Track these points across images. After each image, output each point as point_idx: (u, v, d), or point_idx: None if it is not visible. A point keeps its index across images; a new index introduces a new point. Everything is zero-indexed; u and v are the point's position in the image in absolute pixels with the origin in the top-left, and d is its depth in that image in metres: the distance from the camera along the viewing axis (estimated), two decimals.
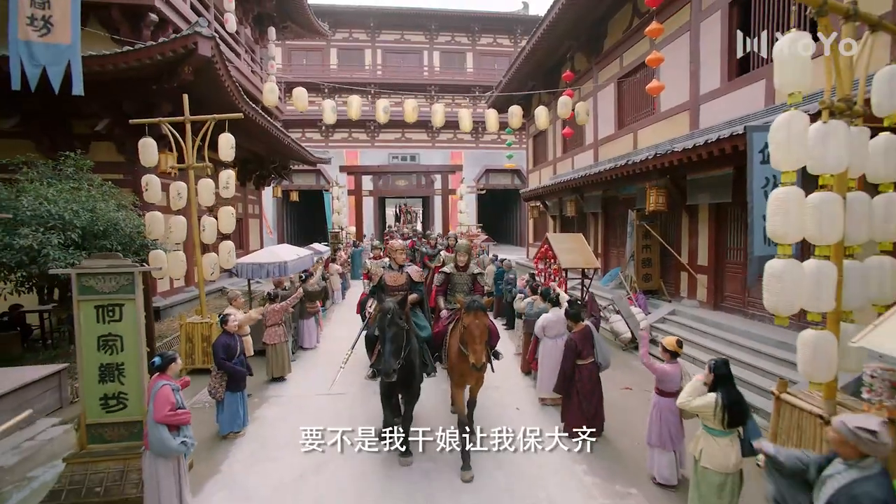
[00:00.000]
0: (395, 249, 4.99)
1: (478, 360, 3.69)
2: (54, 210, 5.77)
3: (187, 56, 7.49)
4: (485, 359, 3.79)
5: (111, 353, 3.67)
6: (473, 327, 3.75)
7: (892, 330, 2.40)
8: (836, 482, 2.02)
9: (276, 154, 14.58)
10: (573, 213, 12.02)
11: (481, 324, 3.77)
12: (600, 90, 11.41)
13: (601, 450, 4.37)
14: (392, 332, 3.71)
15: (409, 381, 4.07)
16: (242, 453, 4.37)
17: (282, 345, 6.17)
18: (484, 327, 3.78)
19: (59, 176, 6.69)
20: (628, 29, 10.01)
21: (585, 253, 7.81)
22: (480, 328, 3.75)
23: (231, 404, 4.67)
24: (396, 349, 3.73)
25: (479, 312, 3.81)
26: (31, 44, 3.56)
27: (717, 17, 7.54)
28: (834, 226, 3.24)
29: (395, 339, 3.73)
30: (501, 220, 30.67)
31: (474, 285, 5.11)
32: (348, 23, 26.78)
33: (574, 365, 4.60)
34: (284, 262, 6.98)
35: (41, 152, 8.46)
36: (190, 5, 10.22)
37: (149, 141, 6.43)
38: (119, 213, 6.60)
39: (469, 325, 3.78)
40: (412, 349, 4.05)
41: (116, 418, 3.71)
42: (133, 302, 3.69)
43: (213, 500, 3.70)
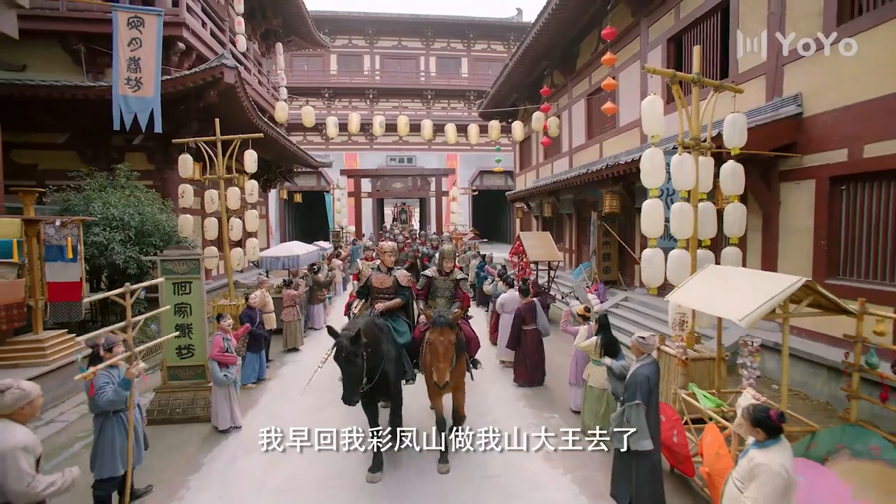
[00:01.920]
0: (385, 251, 4.96)
1: (440, 380, 3.66)
2: (116, 213, 7.38)
3: (214, 83, 9.09)
4: (448, 377, 3.74)
5: (183, 316, 5.28)
6: (437, 344, 3.70)
7: (683, 292, 3.99)
8: (631, 371, 3.62)
9: (283, 159, 16.16)
10: (550, 213, 13.63)
11: (446, 341, 3.71)
12: (574, 104, 13.01)
13: (540, 393, 5.98)
14: (349, 370, 3.62)
15: (385, 390, 4.16)
16: (271, 397, 5.96)
17: (295, 322, 7.80)
18: (448, 345, 3.73)
19: (113, 184, 8.28)
20: (595, 52, 11.60)
21: (550, 248, 9.43)
22: (445, 346, 3.70)
23: (251, 362, 6.25)
24: (355, 382, 3.66)
25: (445, 329, 3.75)
26: (127, 97, 5.16)
27: (658, 50, 9.14)
28: (687, 225, 4.85)
29: (351, 376, 3.63)
30: (495, 220, 32.26)
31: (456, 291, 4.99)
32: (348, 29, 28.34)
33: (521, 329, 6.21)
34: (297, 255, 8.62)
35: (84, 162, 10.11)
36: (210, 32, 11.82)
37: (186, 157, 8.01)
38: (162, 215, 8.21)
39: (433, 342, 3.74)
40: (387, 359, 4.06)
41: (187, 363, 5.32)
42: (198, 280, 5.31)
43: (255, 421, 5.28)
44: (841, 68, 5.45)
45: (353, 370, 3.63)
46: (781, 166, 6.31)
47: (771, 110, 6.28)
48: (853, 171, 5.39)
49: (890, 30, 4.93)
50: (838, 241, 5.67)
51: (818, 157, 5.79)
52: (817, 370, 5.51)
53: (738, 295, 3.37)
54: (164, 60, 10.69)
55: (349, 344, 3.60)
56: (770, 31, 6.44)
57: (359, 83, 28.26)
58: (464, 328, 4.58)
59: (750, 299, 3.14)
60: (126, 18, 5.51)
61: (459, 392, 4.35)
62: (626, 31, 10.08)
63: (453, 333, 3.80)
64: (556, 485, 4.02)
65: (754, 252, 6.85)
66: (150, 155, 10.91)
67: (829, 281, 5.69)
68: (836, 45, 4.95)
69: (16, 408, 2.42)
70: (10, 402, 2.41)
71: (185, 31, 10.60)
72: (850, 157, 5.39)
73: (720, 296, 3.56)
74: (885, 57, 4.98)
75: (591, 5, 10.44)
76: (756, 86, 6.77)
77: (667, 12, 8.82)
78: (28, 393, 2.48)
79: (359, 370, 3.66)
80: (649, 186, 4.87)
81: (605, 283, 10.25)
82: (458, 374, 4.20)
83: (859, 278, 5.45)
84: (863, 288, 5.25)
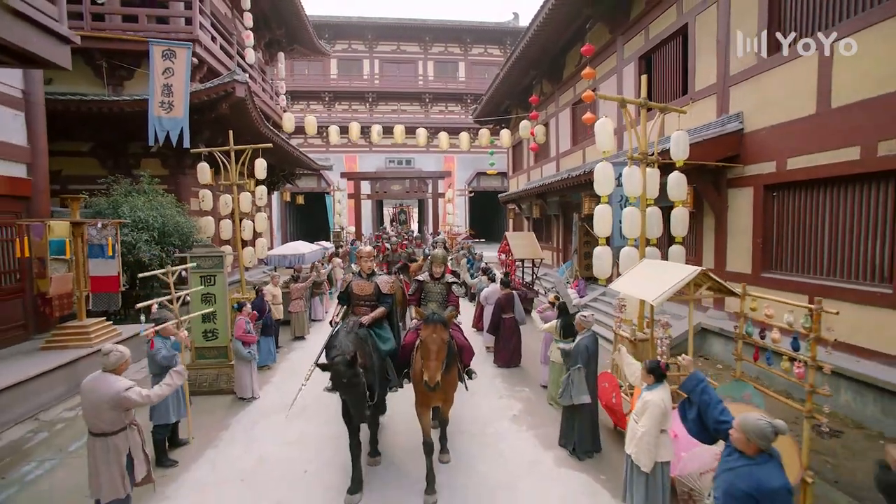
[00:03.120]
0: (363, 256, 4.82)
1: (431, 379, 3.55)
2: (142, 216, 8.37)
3: (226, 97, 10.07)
4: (439, 377, 3.59)
5: (209, 304, 6.27)
6: (430, 342, 3.62)
7: (622, 281, 4.97)
8: (575, 343, 4.60)
9: (286, 163, 17.16)
10: (539, 215, 14.62)
11: (439, 339, 3.64)
12: (560, 112, 14.00)
13: (515, 372, 6.97)
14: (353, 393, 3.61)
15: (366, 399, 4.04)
16: (282, 377, 6.95)
17: (301, 313, 8.80)
18: (441, 343, 3.65)
19: (136, 190, 9.27)
20: (578, 64, 12.58)
21: (533, 247, 10.42)
22: (437, 343, 3.63)
23: (264, 344, 7.23)
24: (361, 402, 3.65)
25: (439, 326, 3.68)
26: (161, 118, 6.15)
27: (632, 66, 10.12)
28: (636, 226, 5.82)
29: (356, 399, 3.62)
30: (491, 220, 33.20)
31: (448, 295, 4.98)
32: (348, 34, 29.37)
33: (500, 317, 7.19)
34: (302, 254, 9.61)
35: (105, 168, 11.13)
36: (220, 46, 12.82)
37: (204, 165, 9.00)
38: (181, 217, 9.21)
39: (426, 339, 3.65)
40: (370, 370, 3.97)
41: (212, 344, 6.31)
42: (222, 274, 6.30)
43: (271, 394, 6.27)
44: (769, 93, 6.44)
45: (357, 392, 3.59)
46: (729, 174, 7.30)
47: (719, 125, 7.27)
48: (780, 181, 6.37)
49: (801, 64, 5.90)
50: (771, 240, 6.65)
51: (755, 168, 6.78)
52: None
53: (657, 282, 4.34)
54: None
55: (346, 369, 3.53)
56: (718, 57, 7.45)
57: (358, 87, 29.27)
58: (456, 336, 4.48)
59: (663, 285, 4.13)
60: (161, 51, 6.54)
61: (448, 404, 4.25)
62: (604, 47, 11.07)
63: (446, 332, 3.76)
64: (518, 438, 5.00)
65: (709, 249, 7.84)
66: (164, 161, 11.90)
67: (765, 274, 6.68)
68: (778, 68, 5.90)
69: (118, 365, 3.40)
70: (114, 361, 3.40)
71: (198, 46, 11.57)
72: (777, 169, 6.37)
73: (645, 283, 4.54)
74: (798, 86, 5.96)
75: (574, 22, 11.44)
76: (709, 103, 7.76)
77: (638, 32, 9.80)
78: (124, 354, 3.47)
79: (362, 391, 3.62)
80: (600, 194, 5.85)
81: (587, 279, 11.22)
82: (449, 383, 4.05)
83: (786, 271, 6.43)
84: (789, 280, 6.23)
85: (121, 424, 3.36)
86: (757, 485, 2.21)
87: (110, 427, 3.33)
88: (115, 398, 3.26)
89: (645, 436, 3.32)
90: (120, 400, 3.26)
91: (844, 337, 5.37)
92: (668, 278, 4.24)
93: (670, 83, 9.00)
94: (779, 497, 2.15)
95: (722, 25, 7.33)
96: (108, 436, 3.32)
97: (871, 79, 5.07)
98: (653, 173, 5.99)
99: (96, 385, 3.31)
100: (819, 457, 4.39)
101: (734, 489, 2.29)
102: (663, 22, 8.96)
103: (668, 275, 4.41)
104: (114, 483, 3.30)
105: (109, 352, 3.41)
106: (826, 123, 5.63)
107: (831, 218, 5.79)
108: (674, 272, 4.32)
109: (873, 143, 5.07)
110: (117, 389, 3.28)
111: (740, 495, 2.26)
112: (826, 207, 5.85)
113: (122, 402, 3.27)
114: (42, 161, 7.07)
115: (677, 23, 8.50)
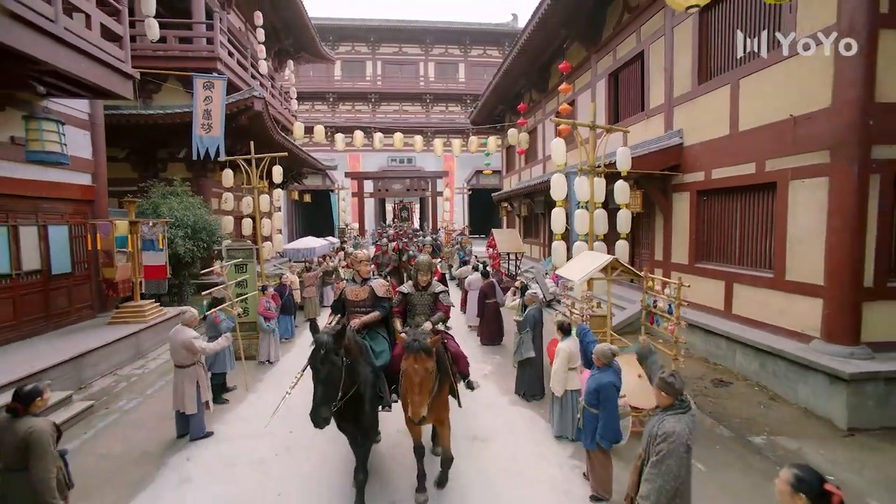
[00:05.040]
0: (359, 261, 4.61)
1: (414, 415, 3.30)
2: (179, 215, 10.02)
3: (246, 110, 11.70)
4: (425, 412, 3.32)
5: (242, 288, 7.91)
6: (412, 373, 3.33)
7: (565, 267, 6.54)
8: (525, 314, 6.19)
9: (295, 165, 18.81)
10: (527, 213, 16.18)
11: (422, 369, 3.33)
12: (547, 118, 15.52)
13: (496, 349, 8.56)
14: (326, 373, 3.25)
15: (357, 418, 3.71)
16: (298, 349, 8.59)
17: (314, 298, 10.44)
18: (425, 374, 3.34)
19: (171, 192, 10.93)
20: (562, 76, 14.09)
21: (516, 242, 12.01)
22: (421, 375, 3.32)
23: (283, 322, 8.87)
24: (331, 390, 3.27)
25: (420, 355, 3.35)
26: (202, 137, 7.77)
27: (603, 81, 11.64)
28: (585, 224, 7.38)
29: (328, 382, 3.26)
30: (490, 217, 34.73)
31: (436, 305, 4.62)
32: (351, 37, 30.92)
33: (484, 302, 8.79)
34: (313, 248, 11.25)
35: (136, 171, 12.83)
36: (237, 61, 14.44)
37: (228, 171, 10.62)
38: (210, 216, 10.87)
39: (407, 370, 3.38)
40: (362, 380, 3.67)
41: (244, 320, 7.95)
42: (252, 262, 7.95)
43: (289, 360, 7.90)
44: (697, 115, 7.98)
45: (332, 373, 3.25)
46: (673, 181, 8.83)
47: (666, 139, 8.80)
48: (707, 188, 7.90)
49: (720, 94, 7.42)
50: (702, 235, 8.19)
51: (690, 176, 8.31)
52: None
53: (585, 267, 5.91)
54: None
55: (331, 341, 3.29)
56: (665, 81, 8.97)
57: (362, 88, 30.84)
58: (449, 345, 4.32)
59: (586, 269, 5.70)
60: (202, 83, 8.17)
61: (443, 426, 3.97)
62: (581, 63, 12.58)
63: (431, 360, 3.41)
64: (485, 388, 6.59)
65: (659, 244, 9.38)
66: (188, 166, 13.55)
67: (697, 264, 8.23)
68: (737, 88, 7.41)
69: (190, 321, 5.07)
70: (188, 318, 5.07)
71: (219, 63, 13.21)
72: (705, 178, 7.90)
73: (578, 268, 6.11)
74: (717, 112, 7.48)
75: (555, 41, 12.96)
76: (659, 119, 9.28)
77: (608, 53, 11.31)
78: (195, 314, 5.13)
79: (337, 374, 3.29)
80: (556, 199, 7.42)
81: None
82: (440, 404, 3.84)
83: (711, 261, 7.97)
84: (713, 268, 7.77)
85: (192, 360, 5.03)
86: (598, 382, 3.80)
87: (186, 361, 5.02)
88: (186, 342, 4.95)
89: (557, 372, 4.92)
90: (188, 344, 4.95)
91: (743, 312, 6.95)
92: (590, 264, 5.81)
93: (632, 99, 10.52)
94: (606, 388, 3.73)
95: (668, 55, 8.84)
96: (185, 367, 5.01)
97: (761, 111, 6.59)
98: (599, 182, 7.55)
99: (177, 333, 5.00)
100: (707, 399, 5.97)
101: (589, 387, 3.88)
102: (627, 46, 10.47)
103: (595, 262, 5.98)
104: (190, 399, 4.98)
105: (186, 311, 5.13)
106: (735, 143, 7.16)
107: (739, 219, 7.33)
108: (595, 260, 5.89)
109: (763, 160, 6.60)
110: (188, 336, 4.97)
111: (591, 390, 3.85)
112: (735, 210, 7.39)
113: (189, 345, 4.95)
114: (102, 170, 8.71)
115: (637, 48, 10.02)
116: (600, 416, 3.76)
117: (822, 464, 4.40)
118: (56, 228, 7.60)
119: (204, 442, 5.06)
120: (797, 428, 5.17)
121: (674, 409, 2.85)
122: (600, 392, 3.77)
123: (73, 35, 6.14)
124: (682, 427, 2.74)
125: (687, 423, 2.78)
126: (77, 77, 6.43)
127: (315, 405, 3.26)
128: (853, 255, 5.41)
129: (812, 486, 1.95)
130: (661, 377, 2.93)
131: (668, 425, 2.77)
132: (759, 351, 6.34)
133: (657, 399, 2.95)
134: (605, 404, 3.71)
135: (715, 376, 6.68)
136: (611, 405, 3.71)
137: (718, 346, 7.21)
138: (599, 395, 3.73)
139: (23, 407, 2.88)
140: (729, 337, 6.92)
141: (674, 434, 2.72)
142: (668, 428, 2.76)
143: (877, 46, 5.20)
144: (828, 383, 5.26)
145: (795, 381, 5.73)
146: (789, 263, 6.24)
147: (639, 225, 10.13)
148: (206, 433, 5.16)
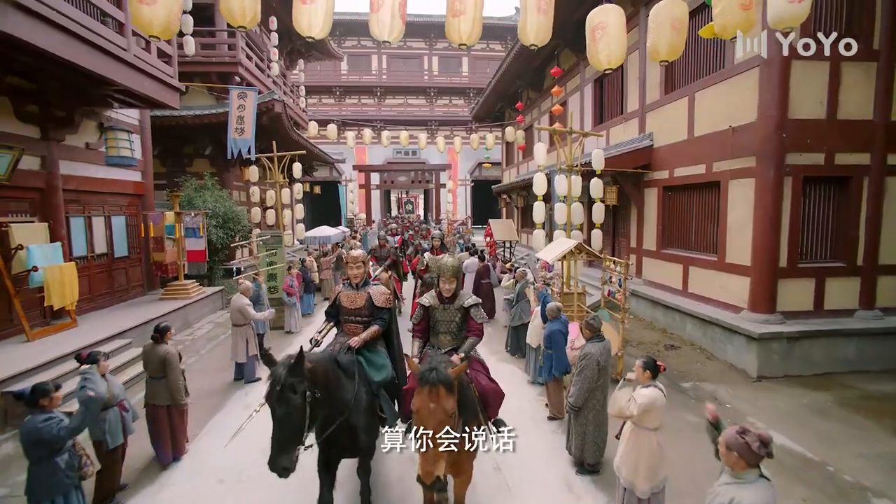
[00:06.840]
0: (353, 261, 3.99)
1: (426, 475, 2.49)
2: (211, 207, 11.54)
3: (267, 112, 13.15)
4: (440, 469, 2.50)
5: (272, 266, 9.43)
6: (425, 413, 2.56)
7: (544, 250, 7.99)
8: (516, 290, 7.67)
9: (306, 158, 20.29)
10: (524, 204, 17.56)
11: (439, 410, 2.55)
12: (542, 116, 16.85)
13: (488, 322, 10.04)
14: (282, 416, 2.69)
15: (352, 447, 3.41)
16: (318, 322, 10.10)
17: (329, 279, 11.99)
18: (442, 416, 2.55)
19: (202, 186, 12.44)
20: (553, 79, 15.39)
21: (511, 231, 13.48)
22: (437, 418, 2.53)
23: (305, 299, 10.41)
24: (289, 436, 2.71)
25: (437, 390, 2.57)
26: (236, 140, 9.24)
27: (590, 86, 12.97)
28: (563, 216, 8.82)
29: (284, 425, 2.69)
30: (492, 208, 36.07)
31: (467, 322, 3.80)
32: (357, 32, 32.07)
33: (480, 282, 10.27)
34: (328, 235, 12.78)
35: (165, 166, 14.35)
36: (255, 64, 15.86)
37: (253, 168, 12.11)
38: (238, 208, 12.39)
39: (419, 409, 2.60)
40: (354, 408, 3.29)
41: (273, 296, 9.48)
42: (281, 248, 9.47)
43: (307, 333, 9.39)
44: (664, 121, 9.36)
45: (288, 416, 2.69)
46: (645, 178, 10.22)
47: (639, 141, 10.17)
48: (671, 184, 9.30)
49: (680, 104, 8.79)
50: (666, 226, 9.61)
51: (658, 174, 9.70)
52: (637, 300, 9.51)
53: (557, 250, 7.37)
54: (223, 91, 14.86)
55: (286, 374, 2.75)
56: (639, 88, 10.32)
57: (367, 82, 32.13)
58: (477, 382, 3.44)
59: (556, 251, 7.16)
60: (237, 94, 9.62)
61: (462, 478, 3.23)
62: (571, 67, 13.91)
63: (451, 398, 2.64)
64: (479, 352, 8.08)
65: (634, 233, 10.80)
66: (212, 161, 15.06)
67: (663, 250, 9.65)
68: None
69: (244, 291, 6.60)
70: (243, 289, 6.61)
71: (240, 68, 14.65)
72: (669, 176, 9.30)
73: (552, 251, 7.57)
74: (679, 119, 8.85)
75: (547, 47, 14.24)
76: (635, 123, 10.65)
77: None
78: (249, 287, 6.67)
79: (296, 418, 2.72)
80: (537, 194, 8.86)
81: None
82: (464, 457, 3.04)
83: (673, 247, 9.39)
84: (674, 253, 9.19)
85: (245, 321, 6.56)
86: (549, 330, 5.28)
87: (240, 321, 6.56)
88: (241, 307, 6.50)
89: (535, 328, 6.40)
90: (242, 308, 6.49)
91: (696, 290, 8.40)
92: (561, 248, 7.27)
93: (614, 103, 11.87)
94: (555, 334, 5.20)
95: (641, 66, 10.18)
96: (240, 326, 6.55)
97: (710, 121, 7.97)
98: (577, 179, 8.98)
99: (235, 299, 6.55)
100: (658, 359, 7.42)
101: (545, 333, 5.36)
102: None
103: (563, 245, 7.44)
104: (243, 351, 6.53)
105: (242, 283, 6.65)
106: (691, 147, 8.54)
107: (694, 211, 8.73)
108: (565, 244, 7.35)
109: (711, 162, 8.00)
110: (242, 303, 6.52)
111: (545, 335, 5.33)
112: (692, 204, 8.80)
113: (243, 309, 6.50)
114: (149, 168, 10.23)
115: None
116: (554, 355, 5.25)
117: (728, 399, 5.89)
118: (117, 218, 9.14)
119: (255, 384, 6.61)
120: (719, 377, 6.65)
121: (592, 340, 4.32)
122: (552, 337, 5.25)
123: (140, 60, 7.62)
124: (595, 350, 4.22)
125: (599, 348, 4.25)
126: (140, 93, 7.91)
127: (272, 453, 2.69)
128: (771, 241, 6.83)
129: (649, 364, 3.43)
130: (585, 320, 4.41)
131: (587, 349, 4.25)
132: (703, 321, 7.79)
133: (582, 334, 4.43)
134: (555, 346, 5.20)
135: (668, 343, 8.15)
136: (559, 346, 5.20)
137: (674, 319, 8.66)
138: (552, 339, 5.21)
139: (160, 336, 4.41)
140: (682, 311, 8.37)
141: (590, 354, 4.20)
142: (586, 350, 4.24)
143: (789, 73, 6.57)
144: (745, 342, 6.72)
145: (725, 343, 7.20)
146: (728, 248, 7.66)
147: (619, 216, 11.55)
148: (256, 378, 6.71)
